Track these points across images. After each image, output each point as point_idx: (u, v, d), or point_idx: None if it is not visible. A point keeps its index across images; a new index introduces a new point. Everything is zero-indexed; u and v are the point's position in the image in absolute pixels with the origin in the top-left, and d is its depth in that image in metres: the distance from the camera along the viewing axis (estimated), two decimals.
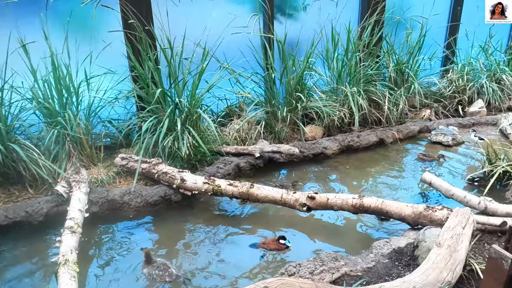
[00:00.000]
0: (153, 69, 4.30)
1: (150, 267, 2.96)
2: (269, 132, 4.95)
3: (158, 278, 2.91)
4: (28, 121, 4.13)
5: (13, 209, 3.53)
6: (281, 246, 3.21)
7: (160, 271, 2.92)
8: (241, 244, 3.38)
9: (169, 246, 3.37)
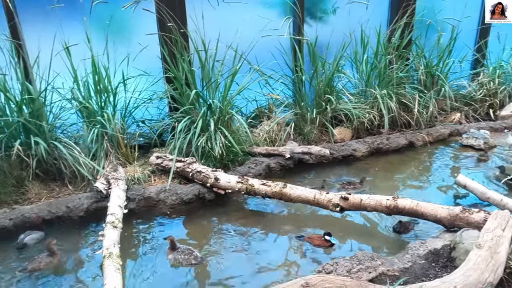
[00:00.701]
0: (187, 71, 4.41)
1: (175, 252, 3.14)
2: (298, 134, 5.00)
3: (184, 262, 3.09)
4: (68, 120, 4.31)
5: (56, 204, 3.69)
6: (325, 243, 3.24)
7: (185, 255, 3.11)
8: (273, 241, 3.44)
9: (202, 243, 3.45)
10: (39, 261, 3.10)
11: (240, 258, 3.24)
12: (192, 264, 3.09)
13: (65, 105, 4.30)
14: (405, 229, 3.41)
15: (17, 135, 3.96)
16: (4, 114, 3.89)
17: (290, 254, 3.26)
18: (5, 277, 3.08)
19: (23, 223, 3.53)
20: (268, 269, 3.09)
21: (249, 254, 3.28)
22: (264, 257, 3.23)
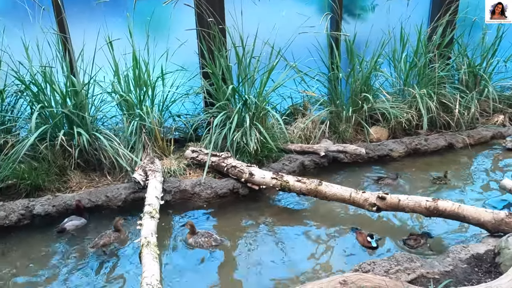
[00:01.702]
0: (224, 67, 4.45)
1: (195, 236, 3.29)
2: (333, 132, 4.93)
3: (205, 244, 3.24)
4: (108, 113, 4.45)
5: (95, 194, 3.82)
6: (366, 243, 3.19)
7: (205, 237, 3.27)
8: (306, 238, 3.42)
9: (235, 236, 3.47)
10: (108, 236, 3.32)
11: (272, 253, 3.24)
12: (213, 246, 3.24)
13: (106, 98, 4.44)
14: (417, 243, 3.21)
15: (61, 126, 4.12)
16: (49, 105, 4.05)
17: (323, 251, 3.24)
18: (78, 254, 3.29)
19: (65, 210, 3.67)
20: (300, 265, 3.08)
21: (281, 250, 3.28)
22: (296, 253, 3.22)
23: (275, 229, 3.55)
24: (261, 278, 2.99)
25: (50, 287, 2.95)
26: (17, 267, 3.17)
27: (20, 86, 4.08)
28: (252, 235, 3.49)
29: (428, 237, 3.28)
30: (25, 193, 3.88)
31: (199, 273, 3.06)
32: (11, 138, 3.98)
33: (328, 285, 2.32)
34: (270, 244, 3.36)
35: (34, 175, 3.85)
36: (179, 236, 3.48)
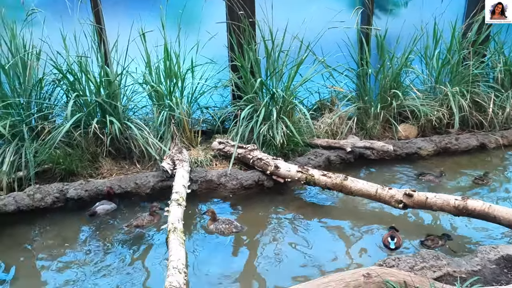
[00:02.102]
0: (253, 60, 4.49)
1: (216, 223, 3.41)
2: (360, 128, 4.89)
3: (226, 231, 3.36)
4: (139, 103, 4.57)
5: (125, 180, 3.95)
6: (386, 242, 3.16)
7: (226, 224, 3.39)
8: (329, 232, 3.42)
9: (258, 227, 3.52)
10: (142, 219, 3.49)
11: (294, 245, 3.27)
12: (233, 232, 3.36)
13: (137, 88, 4.57)
14: (434, 244, 3.13)
15: (95, 114, 4.27)
16: (84, 94, 4.21)
17: (345, 246, 3.24)
18: (108, 236, 3.44)
19: (96, 194, 3.82)
20: (321, 258, 3.09)
21: (303, 242, 3.31)
22: (318, 246, 3.24)
23: (298, 222, 3.57)
24: (281, 268, 3.02)
25: (80, 266, 3.08)
26: (51, 246, 3.34)
27: (57, 75, 4.25)
28: (275, 226, 3.52)
29: (447, 239, 3.20)
30: (59, 177, 4.06)
31: (221, 260, 3.12)
32: (48, 125, 4.16)
33: (352, 277, 2.32)
34: (292, 236, 3.39)
35: (68, 160, 4.01)
36: (202, 223, 3.56)
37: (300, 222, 3.57)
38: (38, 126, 4.18)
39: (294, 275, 2.92)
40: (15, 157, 3.93)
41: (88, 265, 3.10)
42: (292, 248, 3.24)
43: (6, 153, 3.90)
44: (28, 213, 3.62)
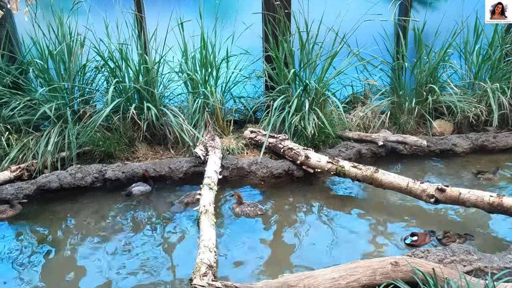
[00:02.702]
0: (287, 51, 4.52)
1: (241, 206, 3.54)
2: (393, 123, 4.83)
3: (251, 213, 3.49)
4: (175, 91, 4.72)
5: (160, 164, 4.10)
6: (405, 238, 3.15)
7: (251, 207, 3.52)
8: (358, 224, 3.43)
9: (286, 215, 3.58)
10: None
11: (320, 234, 3.31)
12: (258, 215, 3.48)
13: (173, 77, 4.72)
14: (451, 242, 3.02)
15: (133, 101, 4.45)
16: (123, 81, 4.39)
17: (372, 239, 3.23)
18: (142, 216, 3.62)
19: (132, 176, 3.99)
20: (346, 248, 3.12)
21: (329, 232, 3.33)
22: (344, 237, 3.26)
23: (325, 212, 3.61)
24: (305, 254, 3.07)
25: (116, 241, 3.26)
26: (89, 222, 3.53)
27: (99, 62, 4.46)
28: (302, 214, 3.57)
29: (468, 238, 3.11)
30: (98, 159, 4.28)
31: (247, 243, 3.21)
32: (89, 109, 4.38)
33: (379, 265, 2.34)
34: (318, 225, 3.43)
35: (107, 143, 4.21)
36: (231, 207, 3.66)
37: (327, 212, 3.60)
38: (80, 110, 4.41)
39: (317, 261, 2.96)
40: (59, 138, 4.16)
41: (121, 241, 3.26)
42: (316, 236, 3.27)
43: (51, 134, 4.13)
44: (69, 191, 3.84)
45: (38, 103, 4.25)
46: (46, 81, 4.30)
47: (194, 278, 2.31)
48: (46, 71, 4.29)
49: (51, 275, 2.91)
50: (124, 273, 2.90)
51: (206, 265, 2.45)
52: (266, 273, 2.84)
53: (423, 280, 2.22)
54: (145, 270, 2.93)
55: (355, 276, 2.28)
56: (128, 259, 3.05)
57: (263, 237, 3.28)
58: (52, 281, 2.85)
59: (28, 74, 4.52)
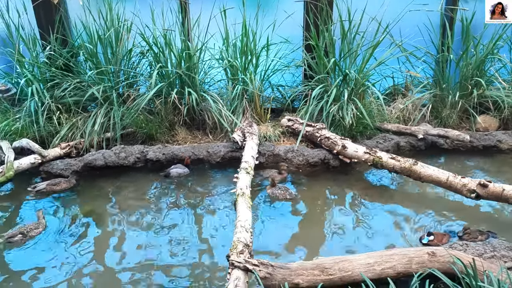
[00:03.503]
0: (328, 40, 4.50)
1: (273, 188, 3.65)
2: (434, 117, 4.70)
3: (280, 196, 3.60)
4: (215, 78, 4.82)
5: (198, 148, 4.22)
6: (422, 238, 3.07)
7: (282, 190, 3.62)
8: (392, 215, 3.40)
9: (319, 202, 3.62)
10: (272, 174, 3.83)
11: (353, 223, 3.33)
12: (287, 199, 3.58)
13: (214, 64, 4.81)
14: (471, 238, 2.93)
15: (174, 85, 4.58)
16: (166, 66, 4.53)
17: (405, 231, 3.21)
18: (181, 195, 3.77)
19: (172, 158, 4.14)
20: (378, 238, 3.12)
21: (361, 219, 3.35)
22: (375, 226, 3.26)
23: (359, 201, 3.61)
24: (335, 240, 3.12)
25: (154, 219, 3.41)
26: (130, 199, 3.72)
27: (144, 47, 4.62)
28: (335, 203, 3.60)
29: (491, 235, 3.00)
30: (140, 140, 4.46)
31: (280, 227, 3.29)
32: (133, 92, 4.56)
33: (416, 254, 2.33)
34: (350, 214, 3.44)
35: (149, 126, 4.38)
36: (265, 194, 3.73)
37: (360, 202, 3.60)
38: (124, 93, 4.60)
39: (346, 249, 2.99)
40: (104, 119, 4.37)
41: (159, 219, 3.42)
42: (348, 224, 3.29)
43: (98, 115, 4.35)
44: (113, 169, 4.04)
45: (87, 85, 4.47)
46: (95, 64, 4.51)
47: (231, 255, 2.39)
48: (95, 55, 4.50)
49: (94, 248, 3.10)
50: (160, 250, 3.05)
51: (243, 244, 2.52)
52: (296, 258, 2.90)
53: (462, 272, 2.19)
54: (181, 248, 3.06)
55: (391, 263, 2.28)
56: (164, 237, 3.19)
57: (295, 223, 3.34)
58: (94, 254, 3.03)
59: (78, 58, 4.75)
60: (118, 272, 2.83)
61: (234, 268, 2.31)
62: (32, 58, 4.52)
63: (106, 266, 2.91)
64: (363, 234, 3.17)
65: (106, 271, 2.86)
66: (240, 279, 2.23)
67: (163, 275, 2.79)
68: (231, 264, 2.32)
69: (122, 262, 2.93)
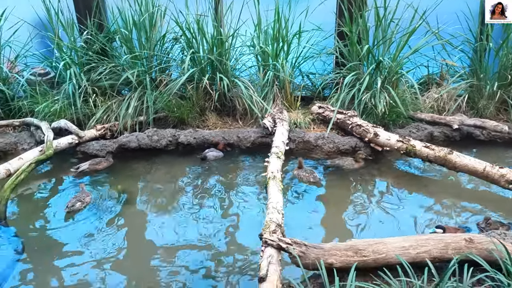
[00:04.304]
0: (362, 27, 4.43)
1: (300, 170, 3.66)
2: (470, 107, 4.57)
3: (304, 178, 3.61)
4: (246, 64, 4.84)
5: (229, 133, 4.27)
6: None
7: (307, 173, 3.62)
8: (420, 203, 3.36)
9: (348, 188, 3.61)
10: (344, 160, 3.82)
11: (382, 209, 3.30)
12: (310, 182, 3.58)
13: (245, 50, 4.83)
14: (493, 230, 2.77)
15: (206, 71, 4.63)
16: (198, 51, 4.58)
17: (434, 220, 3.15)
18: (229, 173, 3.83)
19: (203, 142, 4.20)
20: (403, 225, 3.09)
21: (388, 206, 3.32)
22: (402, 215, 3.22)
23: (388, 190, 3.56)
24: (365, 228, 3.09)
25: (185, 201, 3.49)
26: (161, 180, 3.81)
27: (177, 33, 4.68)
28: (364, 190, 3.57)
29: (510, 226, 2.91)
30: (172, 124, 4.54)
31: (308, 211, 3.31)
32: (165, 77, 4.64)
33: (452, 239, 2.29)
34: (378, 201, 3.41)
35: (181, 110, 4.45)
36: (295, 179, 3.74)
37: (390, 190, 3.57)
38: (157, 78, 4.68)
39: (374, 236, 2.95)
40: (138, 103, 4.47)
41: (189, 201, 3.49)
42: (376, 211, 3.27)
43: (132, 99, 4.45)
44: (146, 151, 4.14)
45: (122, 69, 4.58)
46: (129, 49, 4.61)
47: (264, 234, 2.41)
48: (130, 40, 4.60)
49: (126, 225, 3.19)
50: (189, 230, 3.10)
51: (275, 224, 2.55)
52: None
53: (502, 258, 2.14)
54: (209, 229, 3.10)
55: (426, 247, 2.25)
56: (193, 218, 3.26)
57: (323, 208, 3.35)
58: (128, 230, 3.13)
59: (114, 42, 4.86)
60: (147, 250, 2.91)
61: (268, 246, 2.33)
62: (70, 42, 4.67)
63: (135, 243, 3.00)
64: (391, 222, 3.14)
65: (135, 248, 2.95)
66: (273, 257, 2.25)
67: (190, 255, 2.83)
68: (265, 242, 2.34)
69: (152, 241, 3.01)
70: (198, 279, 2.63)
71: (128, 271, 2.71)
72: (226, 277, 2.63)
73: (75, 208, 3.26)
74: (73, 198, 3.34)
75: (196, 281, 2.61)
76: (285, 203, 3.36)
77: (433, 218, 3.17)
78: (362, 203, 3.39)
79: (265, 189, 3.16)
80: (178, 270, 2.69)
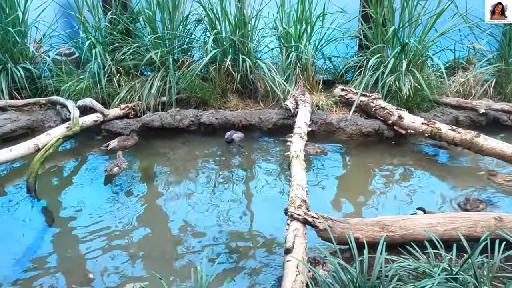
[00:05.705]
0: (388, 8, 4.34)
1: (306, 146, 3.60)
2: (497, 93, 4.47)
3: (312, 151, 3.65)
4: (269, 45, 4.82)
5: (250, 114, 4.27)
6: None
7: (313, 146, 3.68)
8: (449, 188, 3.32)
9: (369, 170, 3.60)
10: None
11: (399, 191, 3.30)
12: (318, 152, 3.71)
13: (267, 33, 4.80)
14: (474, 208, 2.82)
15: (228, 52, 4.62)
16: (221, 32, 4.57)
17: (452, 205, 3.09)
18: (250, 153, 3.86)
19: (224, 123, 4.22)
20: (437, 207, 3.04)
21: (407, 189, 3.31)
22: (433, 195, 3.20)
23: (409, 173, 3.54)
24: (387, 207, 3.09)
25: (206, 180, 3.53)
26: (183, 160, 3.86)
27: (201, 14, 4.67)
28: (385, 172, 3.56)
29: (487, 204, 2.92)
30: (194, 105, 4.56)
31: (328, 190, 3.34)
32: (188, 58, 4.66)
33: (481, 218, 2.26)
34: (403, 183, 3.40)
35: (203, 91, 4.47)
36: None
37: (412, 172, 3.53)
38: (179, 59, 4.70)
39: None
40: (161, 83, 4.50)
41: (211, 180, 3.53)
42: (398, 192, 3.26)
43: (155, 79, 4.49)
44: (168, 130, 4.19)
45: (145, 50, 4.61)
46: (153, 29, 4.63)
47: (290, 208, 2.43)
48: (153, 21, 4.62)
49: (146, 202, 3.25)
50: (210, 208, 3.14)
51: (300, 199, 2.56)
52: None
53: None
54: (231, 208, 3.14)
55: (454, 225, 2.23)
56: (215, 196, 3.30)
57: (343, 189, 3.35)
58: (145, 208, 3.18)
59: (137, 23, 4.89)
60: (169, 224, 2.97)
61: (293, 220, 2.35)
62: (95, 22, 4.72)
63: (156, 219, 3.05)
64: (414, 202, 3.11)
65: (155, 223, 3.00)
66: (299, 230, 2.27)
67: (210, 233, 2.86)
68: (290, 216, 2.36)
69: (172, 218, 3.06)
70: (220, 251, 2.67)
71: (151, 242, 2.77)
72: (251, 251, 2.65)
73: (113, 172, 3.43)
74: (111, 163, 3.50)
75: (219, 254, 2.65)
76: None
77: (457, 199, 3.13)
78: (383, 183, 3.39)
79: (289, 168, 3.16)
80: (200, 243, 2.74)
